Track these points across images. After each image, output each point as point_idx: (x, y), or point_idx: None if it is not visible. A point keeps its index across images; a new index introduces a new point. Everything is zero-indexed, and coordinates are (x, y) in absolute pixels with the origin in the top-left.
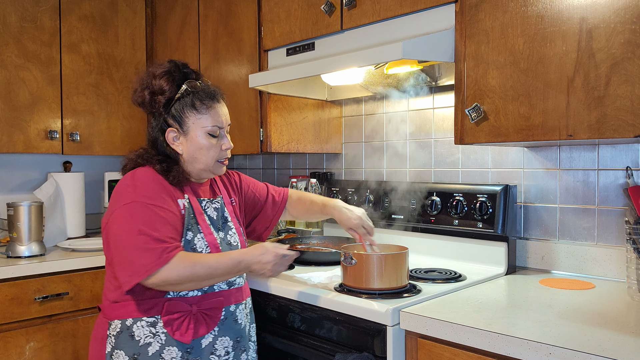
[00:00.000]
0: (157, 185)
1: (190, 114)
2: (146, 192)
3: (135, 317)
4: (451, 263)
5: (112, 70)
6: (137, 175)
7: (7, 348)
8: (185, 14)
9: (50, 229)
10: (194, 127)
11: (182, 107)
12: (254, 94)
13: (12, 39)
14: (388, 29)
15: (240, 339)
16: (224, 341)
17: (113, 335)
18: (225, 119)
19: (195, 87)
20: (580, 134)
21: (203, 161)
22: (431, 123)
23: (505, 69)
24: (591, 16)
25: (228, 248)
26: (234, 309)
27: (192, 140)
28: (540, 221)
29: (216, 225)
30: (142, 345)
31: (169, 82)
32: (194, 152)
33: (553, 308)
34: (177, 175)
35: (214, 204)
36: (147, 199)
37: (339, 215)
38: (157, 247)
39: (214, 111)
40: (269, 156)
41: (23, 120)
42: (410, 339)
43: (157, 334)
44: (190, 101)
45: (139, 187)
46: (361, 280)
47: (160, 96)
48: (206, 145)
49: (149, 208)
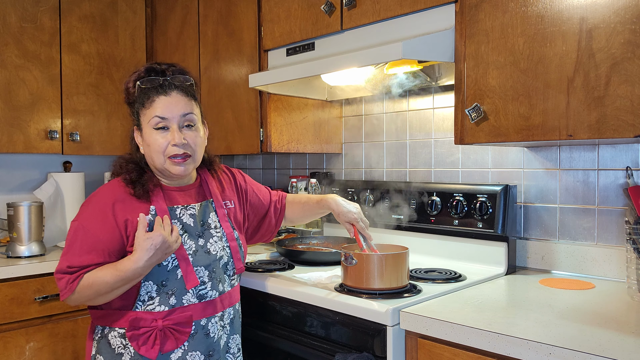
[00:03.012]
0: (104, 207)
1: (141, 110)
2: (88, 214)
3: (110, 326)
4: (451, 263)
5: (112, 70)
6: (96, 193)
7: (7, 348)
8: (185, 14)
9: (50, 229)
10: (144, 122)
11: (137, 105)
12: (254, 94)
13: (12, 39)
14: (388, 29)
15: (213, 353)
16: (194, 356)
17: (96, 339)
18: (168, 109)
19: (145, 82)
20: (580, 134)
21: (155, 159)
22: (431, 123)
23: (505, 69)
24: (591, 16)
25: (205, 257)
26: (205, 323)
27: (145, 137)
28: (540, 221)
29: (194, 233)
30: (116, 354)
31: (133, 83)
32: (148, 151)
33: (553, 308)
34: (143, 184)
35: (189, 210)
36: (85, 221)
37: (337, 208)
38: (63, 277)
39: (158, 102)
40: (269, 156)
41: (23, 120)
42: (410, 339)
43: (127, 346)
44: (140, 97)
45: (87, 207)
46: (361, 280)
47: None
48: (152, 140)
49: (80, 231)
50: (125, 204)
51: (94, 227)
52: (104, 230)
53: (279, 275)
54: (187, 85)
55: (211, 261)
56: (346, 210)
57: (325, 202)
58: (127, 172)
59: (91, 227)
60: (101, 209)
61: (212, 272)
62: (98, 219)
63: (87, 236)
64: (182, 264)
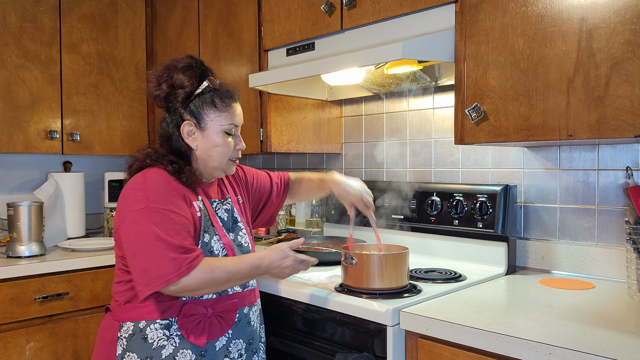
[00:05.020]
0: (169, 188)
1: (210, 110)
2: (159, 196)
3: (148, 320)
4: (451, 263)
5: (112, 70)
6: (147, 177)
7: (7, 348)
8: (185, 14)
9: (50, 229)
10: (212, 124)
11: (201, 103)
12: (254, 94)
13: (12, 39)
14: (388, 29)
15: (253, 341)
16: (237, 344)
17: (125, 337)
18: (240, 118)
19: (216, 84)
20: (580, 134)
21: (217, 159)
22: (431, 123)
23: (505, 69)
24: (591, 16)
25: (239, 249)
26: (247, 311)
27: (208, 137)
28: (540, 221)
29: (227, 227)
30: (155, 348)
31: (190, 77)
32: (209, 150)
33: (553, 308)
34: (189, 176)
35: (225, 205)
36: (160, 204)
37: (337, 190)
38: (178, 257)
39: (232, 110)
40: (269, 156)
41: (23, 120)
42: (411, 339)
43: (171, 337)
44: (210, 98)
45: (151, 191)
46: (361, 280)
47: (180, 90)
48: (221, 143)
49: (163, 213)
50: (179, 190)
51: (173, 207)
52: (183, 209)
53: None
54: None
55: (244, 253)
56: (346, 192)
57: (327, 183)
58: (169, 163)
59: (170, 207)
60: (170, 190)
61: None
62: (172, 200)
63: (169, 217)
64: (230, 253)
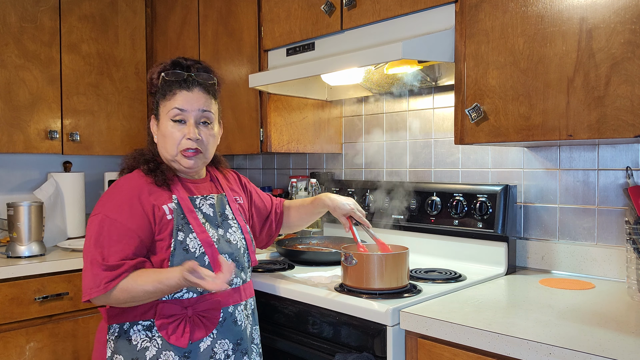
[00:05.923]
0: (129, 196)
1: (161, 100)
2: (113, 204)
3: (131, 321)
4: (451, 263)
5: (112, 70)
6: (118, 183)
7: (7, 348)
8: (185, 14)
9: (50, 229)
10: (162, 113)
11: (158, 96)
12: (254, 94)
13: (12, 39)
14: (388, 29)
15: (241, 342)
16: (223, 344)
17: (112, 339)
18: (187, 102)
19: (170, 74)
20: (580, 134)
21: (168, 150)
22: (431, 123)
23: (505, 69)
24: (591, 16)
25: (227, 245)
26: (233, 310)
27: (161, 127)
28: (540, 221)
29: (214, 222)
30: (139, 350)
31: (158, 74)
32: (162, 141)
33: (553, 308)
34: (162, 174)
35: (209, 200)
36: (112, 212)
37: (332, 203)
38: (99, 274)
39: (179, 96)
40: (269, 156)
41: (23, 120)
42: (410, 339)
43: (154, 338)
44: (162, 89)
45: (110, 198)
46: (361, 280)
47: (151, 86)
48: (169, 132)
49: (111, 223)
50: (150, 192)
51: (121, 217)
52: (132, 218)
53: (279, 275)
54: (209, 84)
55: (233, 250)
56: (341, 203)
57: (319, 200)
58: (143, 162)
59: (117, 217)
60: (126, 198)
61: (235, 260)
62: (124, 208)
63: (113, 226)
64: (208, 250)
